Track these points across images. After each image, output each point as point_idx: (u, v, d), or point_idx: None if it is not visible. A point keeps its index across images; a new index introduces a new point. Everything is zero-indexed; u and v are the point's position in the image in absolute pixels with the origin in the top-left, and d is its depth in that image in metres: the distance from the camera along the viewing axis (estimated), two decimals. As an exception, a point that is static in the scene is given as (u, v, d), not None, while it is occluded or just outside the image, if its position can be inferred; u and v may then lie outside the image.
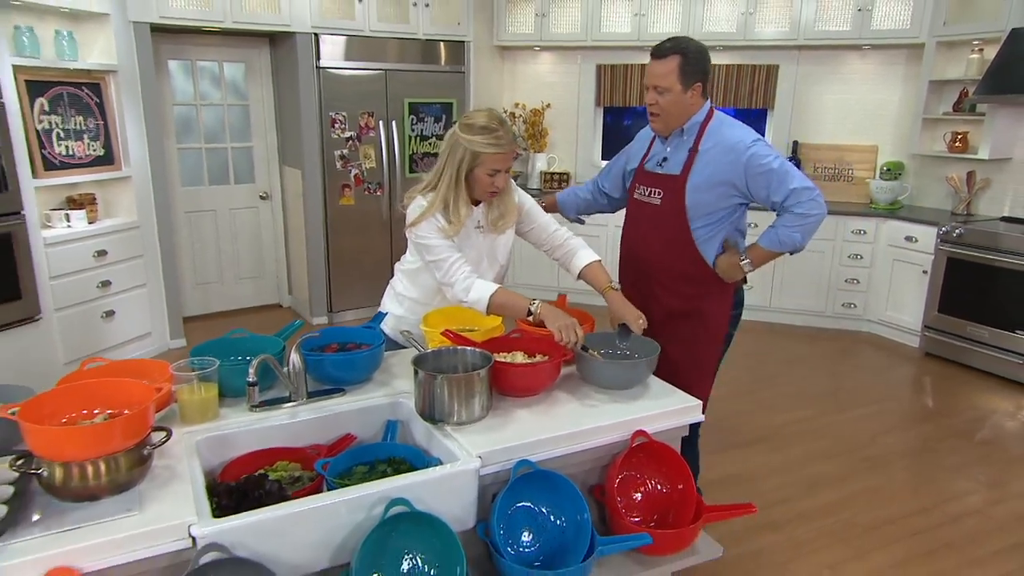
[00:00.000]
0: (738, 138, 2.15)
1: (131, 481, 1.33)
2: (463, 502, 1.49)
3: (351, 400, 1.79)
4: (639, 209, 2.35)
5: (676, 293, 2.30)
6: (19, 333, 3.62)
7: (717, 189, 2.17)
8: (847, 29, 4.99)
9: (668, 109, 2.16)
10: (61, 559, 1.16)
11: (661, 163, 2.28)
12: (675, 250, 2.25)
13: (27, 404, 1.30)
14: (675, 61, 2.11)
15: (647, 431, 1.67)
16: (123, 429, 1.29)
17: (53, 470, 1.26)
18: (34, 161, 3.69)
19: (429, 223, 2.05)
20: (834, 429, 3.66)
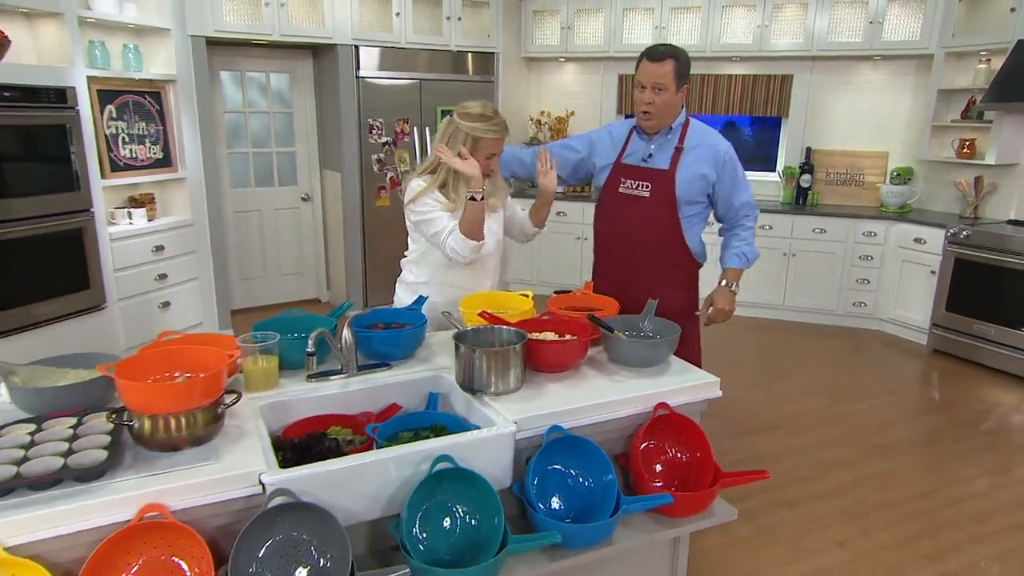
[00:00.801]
0: (718, 141, 2.38)
1: (208, 435, 1.43)
2: (500, 463, 1.57)
3: (396, 373, 1.88)
4: (626, 201, 2.43)
5: (664, 277, 2.43)
6: (86, 320, 3.78)
7: (698, 183, 2.35)
8: (859, 41, 5.00)
9: (662, 107, 2.30)
10: (153, 497, 1.26)
11: (646, 159, 2.41)
12: (665, 237, 2.41)
13: (121, 364, 1.41)
14: (671, 64, 2.26)
15: (669, 404, 1.74)
16: (202, 388, 1.39)
17: (143, 422, 1.36)
18: (102, 163, 3.86)
19: (427, 200, 2.16)
20: (846, 418, 3.69)
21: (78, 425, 1.42)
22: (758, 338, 5.05)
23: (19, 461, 1.27)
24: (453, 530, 1.48)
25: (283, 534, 1.32)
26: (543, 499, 1.61)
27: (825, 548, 2.53)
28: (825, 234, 5.21)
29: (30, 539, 1.18)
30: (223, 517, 1.35)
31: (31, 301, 3.46)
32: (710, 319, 2.46)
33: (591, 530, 1.51)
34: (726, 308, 2.43)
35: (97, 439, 1.36)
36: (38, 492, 1.23)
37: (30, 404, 1.49)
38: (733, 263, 2.45)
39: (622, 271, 2.47)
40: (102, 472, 1.28)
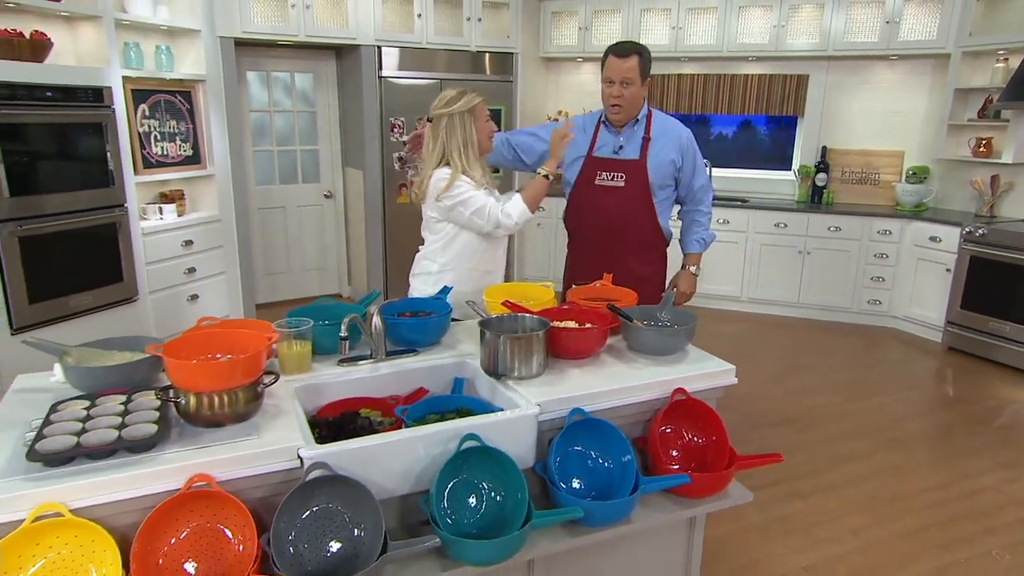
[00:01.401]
0: (680, 129, 2.57)
1: (248, 413, 1.50)
2: (524, 443, 1.63)
3: (423, 359, 1.94)
4: (602, 192, 2.60)
5: (641, 258, 2.64)
6: (119, 312, 3.89)
7: (667, 168, 2.55)
8: (875, 41, 5.01)
9: (630, 100, 2.47)
10: (200, 468, 1.33)
11: (617, 151, 2.58)
12: (641, 221, 2.60)
13: (168, 345, 1.49)
14: (636, 59, 2.43)
15: (686, 389, 1.79)
16: (244, 367, 1.47)
17: (189, 399, 1.44)
18: (136, 160, 3.97)
19: (460, 184, 2.30)
20: (860, 414, 3.71)
21: (128, 402, 1.50)
22: (773, 335, 5.07)
23: (78, 433, 1.35)
24: (479, 506, 1.55)
25: (320, 505, 1.39)
26: (564, 480, 1.67)
27: (838, 537, 2.57)
28: (840, 232, 5.22)
29: (91, 503, 1.25)
30: (263, 489, 1.42)
31: (68, 292, 3.58)
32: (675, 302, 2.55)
33: (611, 507, 1.56)
34: (688, 291, 2.68)
35: (146, 415, 1.44)
36: (95, 461, 1.31)
37: (83, 382, 1.57)
38: (694, 248, 2.69)
39: (600, 256, 2.61)
40: (153, 444, 1.35)
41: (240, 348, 1.58)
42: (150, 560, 1.27)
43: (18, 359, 3.34)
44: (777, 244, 5.41)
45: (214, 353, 1.58)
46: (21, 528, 1.19)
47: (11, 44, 3.31)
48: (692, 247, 2.69)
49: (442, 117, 2.31)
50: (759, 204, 5.50)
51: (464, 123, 2.30)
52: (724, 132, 6.27)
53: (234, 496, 1.34)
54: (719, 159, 6.08)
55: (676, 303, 2.57)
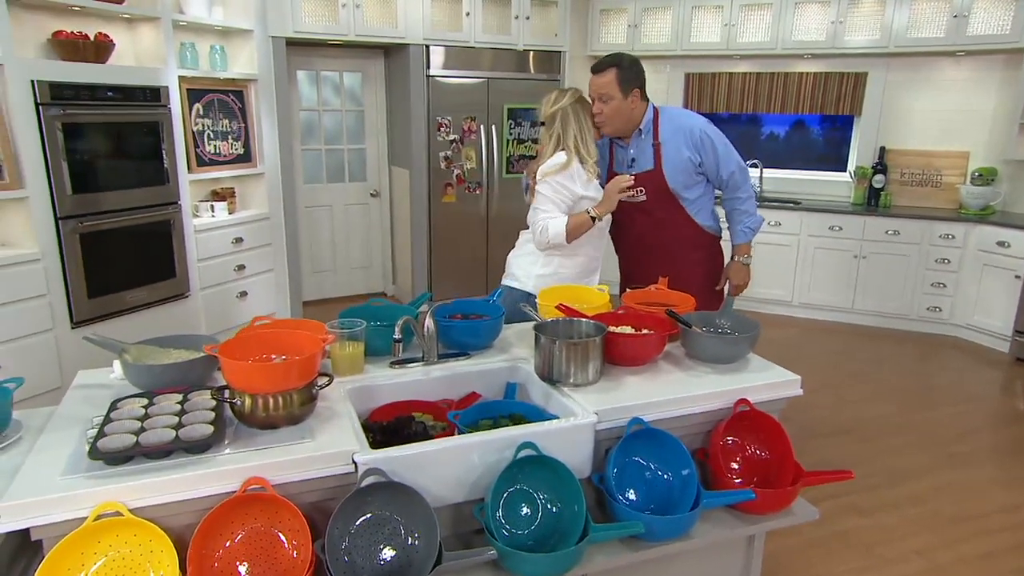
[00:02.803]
0: (691, 123, 2.45)
1: (302, 415, 1.49)
2: (581, 453, 1.58)
3: (475, 363, 1.91)
4: (630, 209, 2.53)
5: (691, 260, 2.58)
6: (172, 307, 3.96)
7: (685, 167, 2.44)
8: (941, 36, 4.78)
9: (611, 116, 2.40)
10: (255, 471, 1.32)
11: (630, 165, 2.51)
12: (677, 227, 2.52)
13: (224, 345, 1.48)
14: (612, 73, 2.36)
15: (749, 400, 1.71)
16: (299, 369, 1.45)
17: (244, 400, 1.43)
18: (189, 158, 4.03)
19: (567, 175, 2.31)
20: (920, 425, 3.54)
21: (184, 401, 1.50)
22: (825, 340, 4.90)
23: (137, 432, 1.35)
24: (534, 516, 1.50)
25: (374, 512, 1.37)
26: (620, 491, 1.61)
27: (903, 557, 2.44)
28: (899, 236, 5.01)
29: (148, 503, 1.25)
30: (317, 493, 1.40)
31: (124, 288, 3.65)
32: (733, 293, 2.66)
33: (672, 522, 1.50)
34: (742, 283, 2.63)
35: (202, 415, 1.43)
36: (153, 461, 1.30)
37: (141, 380, 1.58)
38: (741, 238, 2.60)
39: (650, 266, 2.53)
40: (209, 445, 1.34)
41: (295, 349, 1.57)
42: (205, 563, 1.26)
43: (79, 352, 3.43)
44: (831, 247, 5.22)
45: (268, 354, 1.57)
46: (84, 526, 1.19)
47: (76, 46, 3.39)
48: (739, 237, 2.60)
49: (555, 114, 2.35)
50: (812, 206, 5.32)
51: (577, 113, 2.34)
52: (776, 132, 6.09)
53: (289, 500, 1.32)
54: (770, 159, 5.91)
55: (731, 294, 2.63)
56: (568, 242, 2.33)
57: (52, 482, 1.23)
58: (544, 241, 2.33)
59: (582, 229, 2.31)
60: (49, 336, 3.30)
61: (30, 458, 1.31)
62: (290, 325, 1.84)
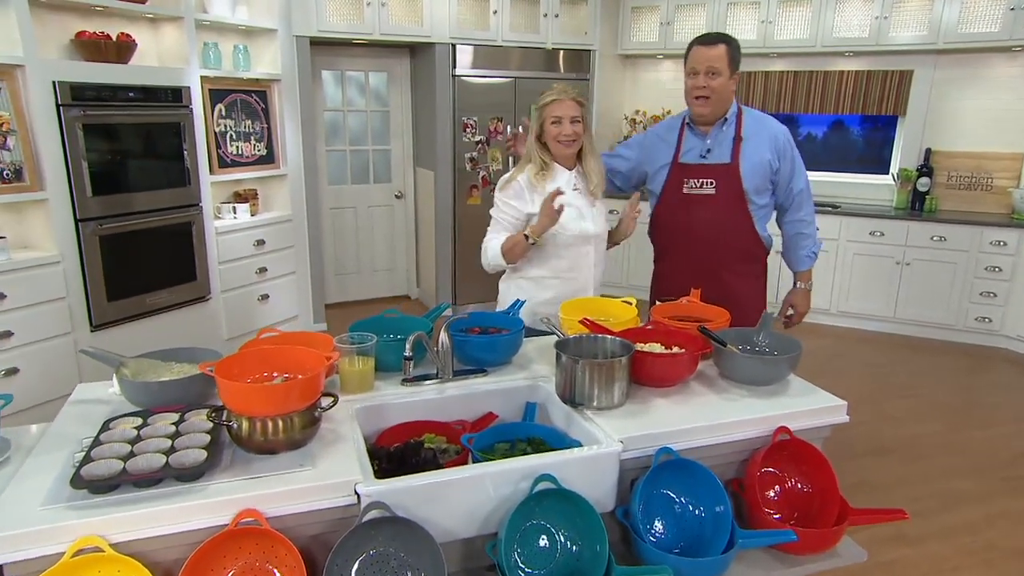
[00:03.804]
0: (776, 127, 2.34)
1: (304, 439, 1.39)
2: (604, 484, 1.45)
3: (493, 380, 1.79)
4: (692, 201, 2.36)
5: (740, 272, 2.38)
6: (192, 310, 3.93)
7: (762, 170, 2.29)
8: (995, 31, 4.53)
9: (718, 92, 2.23)
10: (250, 503, 1.22)
11: (704, 155, 2.33)
12: (736, 232, 2.34)
13: (221, 363, 1.38)
14: (724, 47, 2.21)
15: (790, 428, 1.57)
16: (300, 391, 1.35)
17: (241, 423, 1.33)
18: (211, 160, 3.99)
19: (509, 192, 2.22)
20: (970, 445, 3.33)
21: (180, 421, 1.41)
22: (864, 351, 4.68)
23: (125, 456, 1.26)
24: (552, 554, 1.38)
25: (376, 549, 1.26)
26: (647, 522, 1.48)
27: (954, 593, 2.27)
28: (945, 242, 4.77)
29: (132, 537, 1.16)
30: (317, 526, 1.30)
31: (145, 291, 3.62)
32: (791, 322, 2.47)
33: (704, 566, 1.36)
34: (807, 310, 2.48)
35: (197, 438, 1.34)
36: (141, 489, 1.21)
37: (137, 397, 1.50)
38: (805, 265, 2.45)
39: (694, 273, 2.35)
40: (201, 473, 1.25)
41: (298, 367, 1.47)
42: (194, 602, 1.17)
43: (96, 355, 3.40)
44: (872, 254, 5.00)
45: (270, 372, 1.47)
46: (60, 564, 1.10)
47: (99, 46, 3.37)
48: (804, 263, 2.44)
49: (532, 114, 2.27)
50: (852, 210, 5.10)
51: (536, 118, 2.24)
52: (813, 132, 5.87)
53: (285, 533, 1.22)
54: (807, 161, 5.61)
55: (793, 323, 2.46)
56: (509, 263, 2.23)
57: (30, 513, 1.14)
58: (486, 263, 2.27)
59: (516, 250, 2.18)
60: (68, 339, 3.27)
61: (12, 484, 1.23)
62: (297, 339, 1.75)
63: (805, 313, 2.48)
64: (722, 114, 2.30)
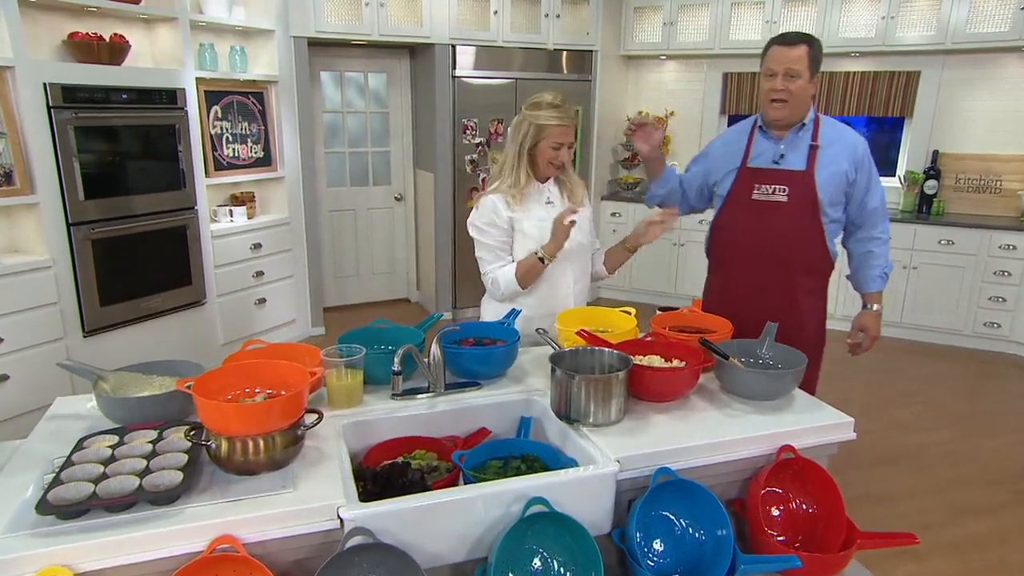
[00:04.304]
0: (856, 137, 2.19)
1: (286, 459, 1.33)
2: (600, 506, 1.39)
3: (486, 394, 1.73)
4: (761, 209, 2.20)
5: (806, 288, 2.24)
6: (187, 315, 3.88)
7: (838, 182, 2.15)
8: (1005, 31, 4.45)
9: (797, 95, 2.09)
10: (226, 528, 1.16)
11: (778, 160, 2.18)
12: (805, 244, 2.20)
13: (199, 380, 1.33)
14: (804, 48, 2.07)
15: (794, 446, 1.51)
16: (281, 409, 1.29)
17: (220, 443, 1.27)
18: (207, 162, 3.95)
19: (485, 211, 2.10)
20: (980, 455, 3.26)
21: (158, 440, 1.36)
22: (870, 357, 4.56)
23: (97, 479, 1.21)
24: (545, 579, 1.32)
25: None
26: (645, 544, 1.42)
27: (964, 612, 2.20)
28: (953, 246, 4.69)
29: (101, 566, 1.10)
30: (297, 552, 1.24)
31: (139, 295, 3.58)
32: (861, 348, 2.33)
33: (703, 594, 1.30)
34: (878, 334, 2.32)
35: (175, 457, 1.28)
36: (113, 515, 1.16)
37: (115, 414, 1.44)
38: (878, 285, 2.29)
39: (757, 286, 2.23)
40: (176, 496, 1.20)
41: (281, 383, 1.42)
42: (165, 634, 1.11)
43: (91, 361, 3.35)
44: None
45: (252, 388, 1.42)
46: (21, 596, 1.05)
47: (91, 48, 3.32)
48: (876, 284, 2.28)
49: (520, 114, 2.10)
50: (859, 213, 5.02)
51: (528, 132, 2.06)
52: (819, 134, 5.78)
53: (264, 559, 1.16)
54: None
55: (864, 348, 2.33)
56: (525, 288, 2.11)
57: (-8, 541, 1.09)
58: (499, 294, 2.14)
59: (533, 273, 2.08)
60: (60, 345, 3.23)
61: (-23, 508, 1.18)
62: (283, 351, 1.69)
63: (877, 337, 2.32)
64: (799, 119, 2.15)
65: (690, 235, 5.38)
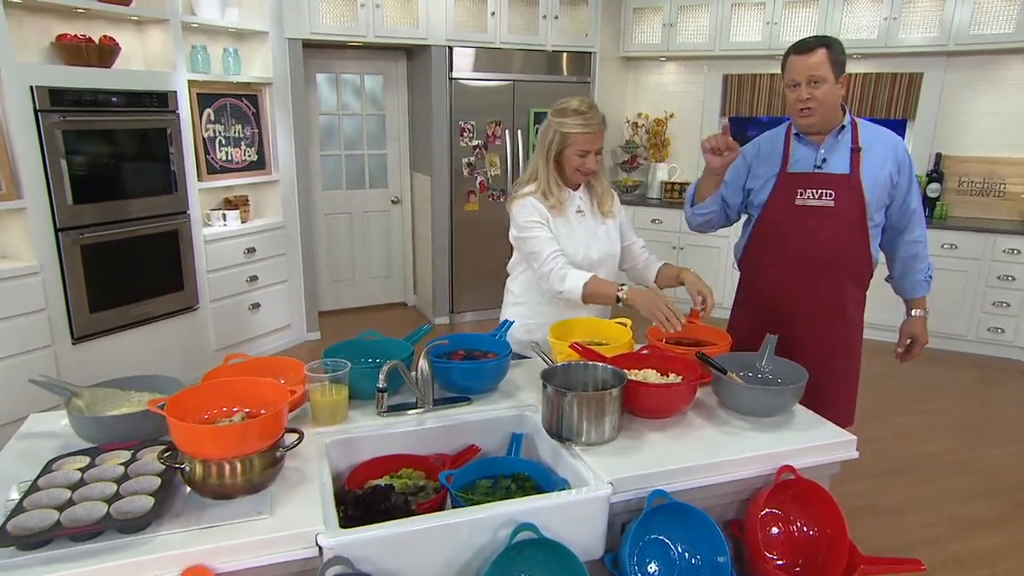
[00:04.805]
0: (895, 138, 2.12)
1: (263, 482, 1.28)
2: (592, 530, 1.34)
3: (476, 410, 1.68)
4: (806, 214, 2.10)
5: (851, 297, 2.16)
6: (180, 321, 3.83)
7: (884, 184, 2.07)
8: (1010, 32, 4.39)
9: (824, 100, 2.00)
10: (199, 557, 1.11)
11: (820, 165, 2.10)
12: (852, 250, 2.11)
13: (173, 399, 1.28)
14: (823, 52, 1.98)
15: (794, 466, 1.45)
16: (259, 430, 1.24)
17: (194, 466, 1.22)
18: (199, 166, 3.89)
19: (523, 208, 2.03)
20: (986, 465, 3.20)
21: (132, 461, 1.30)
22: (871, 362, 4.48)
23: (63, 505, 1.15)
24: (534, 609, 1.26)
25: (339, 606, 1.15)
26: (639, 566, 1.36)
27: (969, 631, 2.14)
28: (956, 250, 4.63)
29: (63, 601, 1.05)
30: (275, 580, 1.19)
31: (129, 301, 3.52)
32: (910, 355, 2.27)
33: (700, 625, 1.25)
34: (927, 341, 2.27)
35: (147, 481, 1.23)
36: (78, 544, 1.10)
37: (87, 433, 1.39)
38: (923, 290, 2.23)
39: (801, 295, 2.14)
40: (146, 524, 1.14)
41: (261, 402, 1.37)
42: (132, 671, 1.06)
43: (79, 369, 3.31)
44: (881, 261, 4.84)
45: (230, 407, 1.36)
46: (-22, 632, 1.00)
47: (79, 50, 3.27)
48: (921, 288, 2.21)
49: (547, 120, 2.05)
50: (861, 217, 4.96)
51: (554, 139, 2.01)
52: (821, 136, 5.73)
53: (237, 591, 1.11)
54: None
55: (913, 355, 2.27)
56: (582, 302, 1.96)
57: (-51, 574, 1.04)
58: (551, 290, 1.98)
59: (597, 299, 1.93)
60: (48, 352, 3.18)
61: (-64, 537, 1.13)
62: (265, 366, 1.64)
63: (926, 343, 2.25)
64: (834, 123, 2.07)
65: (688, 238, 5.33)
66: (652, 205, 5.49)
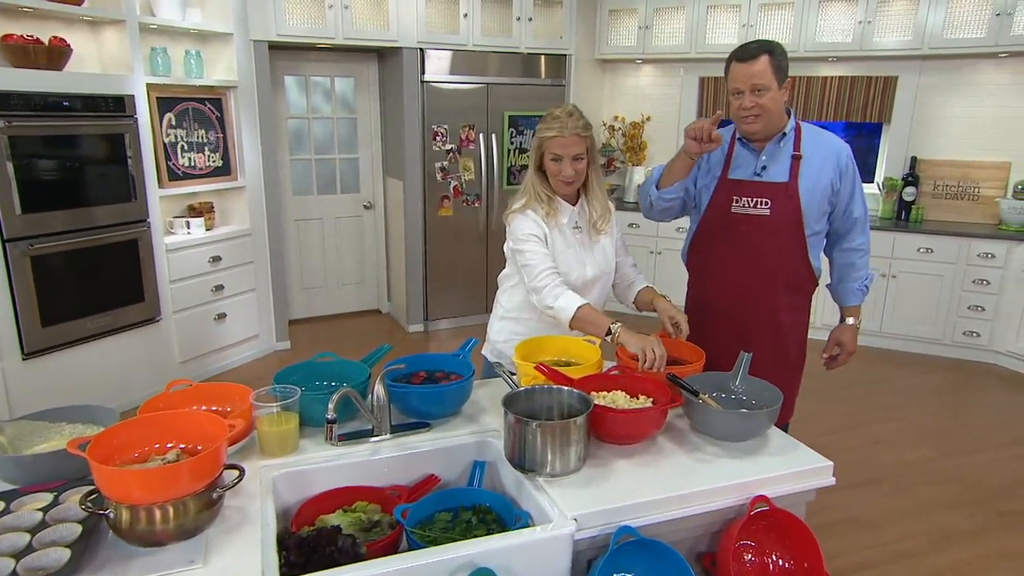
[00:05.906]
0: (839, 144, 2.09)
1: (199, 526, 1.18)
2: (555, 570, 1.26)
3: (436, 437, 1.59)
4: (740, 223, 2.08)
5: (787, 305, 2.14)
6: (141, 333, 3.69)
7: (823, 193, 2.05)
8: (982, 36, 4.40)
9: (769, 107, 1.97)
10: (114, 620, 1.01)
11: (759, 172, 2.07)
12: (789, 259, 2.09)
13: (99, 437, 1.17)
14: (766, 60, 1.94)
15: (768, 496, 1.38)
16: (192, 471, 1.14)
17: (120, 512, 1.12)
18: (160, 172, 3.75)
19: (523, 221, 1.95)
20: (962, 473, 3.17)
21: (53, 505, 1.20)
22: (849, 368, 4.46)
23: (-33, 561, 1.05)
24: (492, 659, 1.18)
25: (278, 665, 1.05)
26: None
27: (949, 651, 2.10)
28: (932, 254, 4.63)
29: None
30: (207, 637, 1.09)
31: (85, 314, 3.38)
32: (837, 362, 2.25)
33: (669, 673, 1.17)
34: (855, 350, 2.24)
35: (66, 530, 1.13)
36: (-18, 606, 1.00)
37: (7, 474, 1.28)
38: (858, 299, 2.21)
39: (734, 302, 2.13)
40: (62, 580, 1.04)
41: (199, 435, 1.27)
42: None
43: (30, 386, 3.17)
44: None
45: (163, 443, 1.26)
46: None
47: (26, 51, 3.12)
48: (856, 297, 2.20)
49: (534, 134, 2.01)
50: (837, 221, 4.95)
51: (536, 147, 1.99)
52: (797, 139, 5.71)
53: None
54: (791, 169, 5.53)
55: (839, 363, 2.24)
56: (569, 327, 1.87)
57: None
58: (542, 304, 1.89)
59: (587, 328, 1.83)
60: (-4, 369, 3.03)
61: None
62: (210, 393, 1.54)
63: (853, 352, 2.24)
64: (777, 129, 2.04)
65: (667, 243, 5.29)
66: (629, 209, 5.43)
